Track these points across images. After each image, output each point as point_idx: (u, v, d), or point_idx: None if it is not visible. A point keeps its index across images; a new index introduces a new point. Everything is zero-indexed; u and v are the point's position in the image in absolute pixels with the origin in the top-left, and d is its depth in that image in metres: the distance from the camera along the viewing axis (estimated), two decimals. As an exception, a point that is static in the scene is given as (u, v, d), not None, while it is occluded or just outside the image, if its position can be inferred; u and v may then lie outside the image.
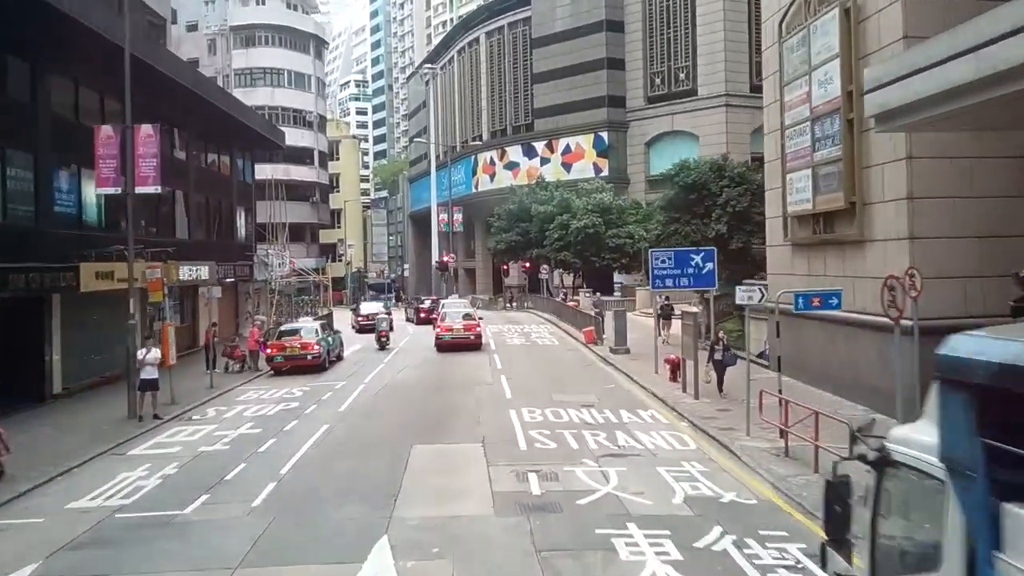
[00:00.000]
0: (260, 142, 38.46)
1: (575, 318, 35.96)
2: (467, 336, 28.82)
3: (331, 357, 26.51)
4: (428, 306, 41.26)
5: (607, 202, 50.51)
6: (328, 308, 41.18)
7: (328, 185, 69.75)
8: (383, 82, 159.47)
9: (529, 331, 36.91)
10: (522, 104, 71.60)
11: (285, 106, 63.07)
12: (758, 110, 62.03)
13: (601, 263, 50.21)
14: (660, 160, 64.45)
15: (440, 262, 50.11)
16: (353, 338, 36.90)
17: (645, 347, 27.17)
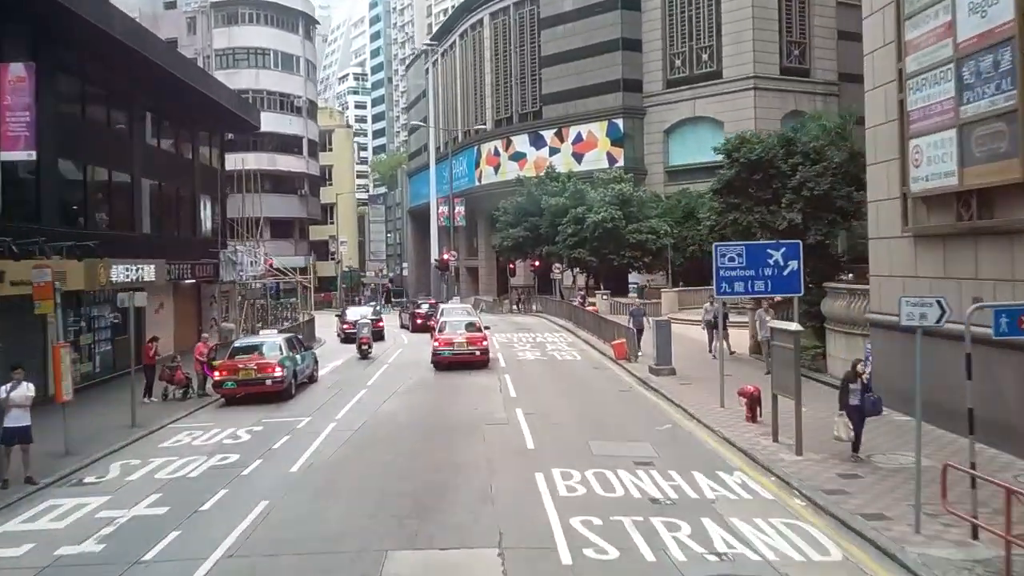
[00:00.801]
0: (230, 121, 33.08)
1: (598, 326, 30.57)
2: (471, 352, 23.44)
3: (302, 379, 21.11)
4: (426, 311, 35.89)
5: (627, 193, 45.08)
6: (309, 313, 35.82)
7: (319, 177, 64.38)
8: (383, 74, 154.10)
9: (543, 341, 31.53)
10: (529, 90, 66.21)
11: (271, 90, 57.70)
12: (790, 94, 56.69)
13: (620, 261, 44.81)
14: (680, 149, 59.12)
15: (440, 260, 44.77)
16: (337, 350, 31.55)
17: (694, 367, 21.90)
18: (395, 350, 30.27)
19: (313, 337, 34.05)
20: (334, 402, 19.09)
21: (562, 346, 29.77)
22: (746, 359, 23.92)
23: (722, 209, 21.84)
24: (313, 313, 35.43)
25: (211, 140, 33.22)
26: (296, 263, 60.10)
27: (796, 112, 56.31)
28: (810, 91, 56.68)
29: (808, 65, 57.41)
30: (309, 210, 60.58)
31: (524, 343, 30.98)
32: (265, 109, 57.48)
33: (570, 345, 30.09)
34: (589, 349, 28.78)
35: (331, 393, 20.42)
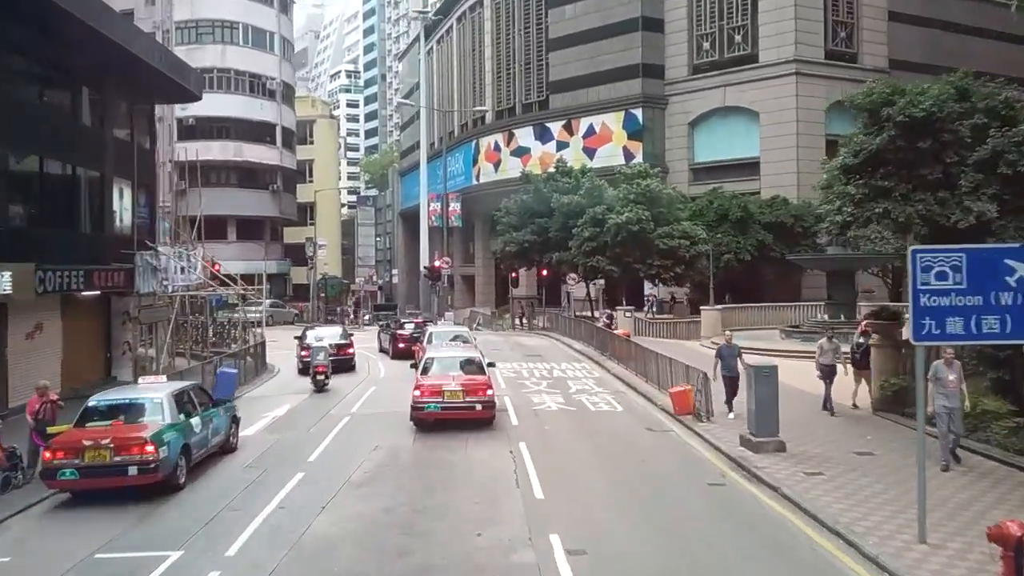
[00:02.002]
0: (159, 87, 25.49)
1: (639, 360, 23.04)
2: (470, 405, 15.88)
3: (202, 454, 13.51)
4: (410, 332, 28.25)
5: (655, 190, 37.64)
6: (257, 335, 28.15)
7: (296, 171, 56.79)
8: (376, 71, 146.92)
9: (562, 376, 23.99)
10: (535, 77, 58.92)
11: (239, 69, 50.20)
12: (836, 81, 49.04)
13: (647, 272, 37.35)
14: (708, 144, 51.79)
15: (430, 268, 37.22)
16: (290, 384, 23.97)
17: (808, 434, 14.54)
18: (366, 387, 22.67)
19: (264, 365, 26.48)
20: (242, 505, 11.49)
21: (590, 385, 22.22)
22: (876, 418, 16.47)
23: (861, 197, 14.31)
24: (265, 335, 27.73)
25: (133, 111, 25.64)
26: (265, 268, 52.54)
27: (842, 103, 49.12)
28: (858, 79, 49.22)
29: (855, 49, 50.28)
30: (283, 208, 53.04)
31: (538, 378, 23.43)
32: (232, 91, 50.12)
33: (599, 384, 22.54)
34: (627, 392, 21.24)
35: (245, 481, 12.82)
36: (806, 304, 37.29)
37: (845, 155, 14.48)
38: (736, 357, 16.51)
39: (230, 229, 50.63)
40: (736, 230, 41.81)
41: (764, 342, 29.67)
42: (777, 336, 31.04)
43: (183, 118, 48.97)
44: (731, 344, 16.97)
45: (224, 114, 49.47)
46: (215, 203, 49.51)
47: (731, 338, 17.34)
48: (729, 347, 16.83)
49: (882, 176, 13.89)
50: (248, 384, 23.43)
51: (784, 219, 42.84)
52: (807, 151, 47.32)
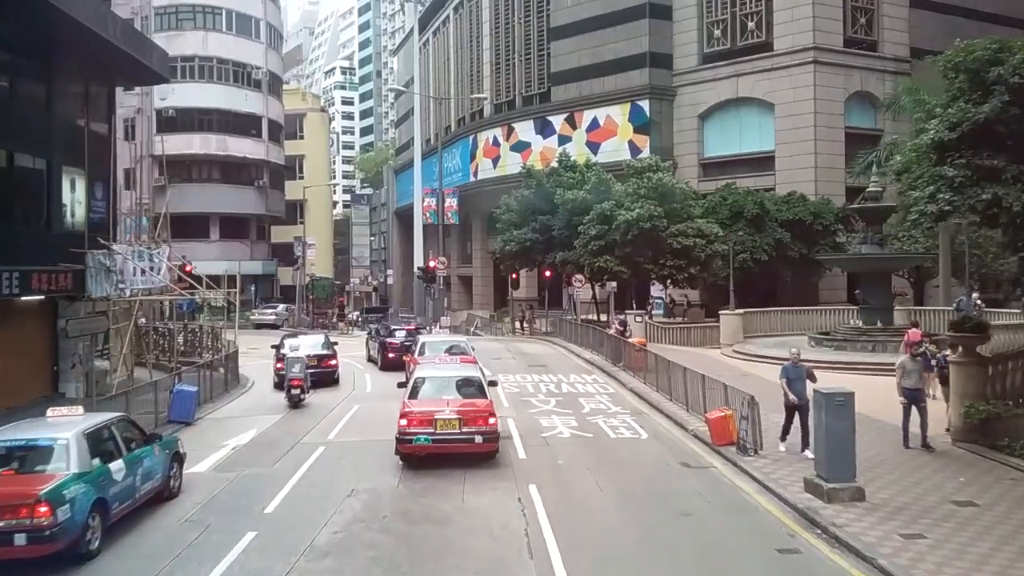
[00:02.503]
0: (113, 61, 22.57)
1: (664, 375, 20.19)
2: (468, 437, 13.00)
3: (128, 507, 10.63)
4: (401, 340, 25.36)
5: (668, 185, 34.81)
6: (230, 343, 25.17)
7: (284, 167, 53.88)
8: (371, 67, 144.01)
9: (572, 391, 21.15)
10: (535, 68, 56.11)
11: (222, 57, 47.29)
12: (855, 71, 46.28)
13: (659, 272, 34.52)
14: (719, 138, 48.96)
15: (424, 269, 34.34)
16: (263, 400, 21.10)
17: (896, 480, 11.65)
18: (348, 406, 19.79)
19: (236, 378, 23.60)
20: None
21: (605, 403, 19.38)
22: (959, 451, 13.63)
23: (963, 180, 11.51)
24: (237, 343, 24.79)
25: (88, 92, 22.74)
26: (251, 269, 49.65)
27: (862, 94, 46.50)
28: (878, 68, 46.76)
29: (875, 37, 47.49)
30: (270, 205, 50.12)
31: (545, 395, 20.59)
32: (215, 80, 47.22)
33: (615, 401, 19.71)
34: (649, 412, 18.41)
35: (180, 543, 9.94)
36: (836, 308, 34.50)
37: (937, 129, 11.69)
38: (804, 379, 13.54)
39: (212, 227, 47.77)
40: (752, 228, 39.03)
41: (786, 351, 26.83)
42: (806, 344, 28.19)
43: (162, 109, 46.08)
44: (798, 363, 13.85)
45: (206, 105, 46.64)
46: (196, 200, 46.81)
47: (798, 356, 14.12)
48: (796, 367, 13.76)
49: (987, 155, 11.12)
50: (214, 401, 20.57)
51: (803, 216, 40.04)
52: (826, 144, 44.62)
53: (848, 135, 45.34)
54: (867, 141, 45.86)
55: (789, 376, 13.53)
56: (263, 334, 41.96)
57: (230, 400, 21.18)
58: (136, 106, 48.27)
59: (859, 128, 46.14)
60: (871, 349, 25.50)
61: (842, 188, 44.49)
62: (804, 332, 31.19)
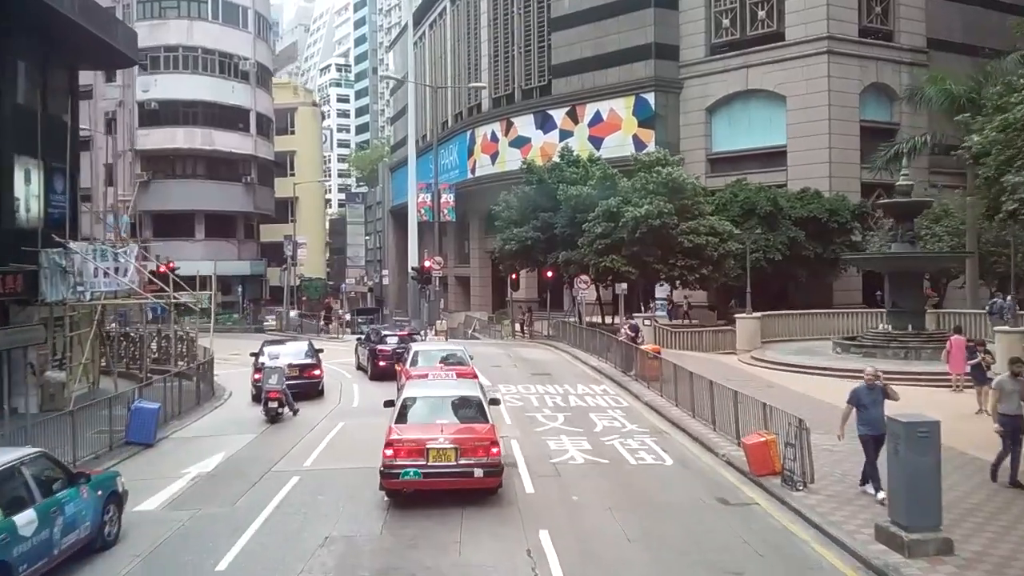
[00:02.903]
0: (72, 40, 20.41)
1: (677, 383, 18.14)
2: (466, 471, 10.84)
3: (50, 564, 8.52)
4: (393, 347, 23.22)
5: (679, 180, 32.75)
6: (205, 350, 23.03)
7: (273, 163, 51.72)
8: (367, 64, 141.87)
9: (581, 405, 19.05)
10: (535, 60, 54.04)
11: (208, 47, 45.10)
12: (870, 62, 44.00)
13: (669, 273, 32.46)
14: (727, 132, 46.85)
15: (419, 269, 32.24)
16: (238, 415, 18.96)
17: (973, 515, 9.55)
18: (331, 423, 17.67)
19: (211, 390, 21.48)
20: None
21: (619, 419, 17.28)
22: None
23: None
24: (213, 349, 22.61)
25: (45, 74, 20.59)
26: (239, 269, 47.51)
27: (878, 86, 44.47)
28: (894, 59, 44.72)
29: (891, 27, 45.47)
30: (258, 203, 47.95)
31: (552, 409, 18.51)
32: (200, 71, 45.09)
33: (630, 417, 17.62)
34: (670, 431, 16.33)
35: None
36: (860, 311, 32.45)
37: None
38: (882, 404, 11.21)
39: (198, 226, 45.61)
40: (764, 226, 36.99)
41: (817, 358, 24.86)
42: (830, 350, 26.18)
43: (145, 101, 44.02)
44: (874, 383, 11.14)
45: (191, 97, 44.44)
46: (181, 196, 44.71)
47: (876, 375, 11.27)
48: (871, 390, 11.16)
49: None
50: (183, 417, 18.45)
51: (818, 214, 38.00)
52: (840, 138, 42.59)
53: (863, 129, 43.34)
54: (883, 135, 43.81)
55: (862, 401, 11.08)
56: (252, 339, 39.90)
57: (202, 415, 19.07)
58: (117, 98, 46.25)
59: (874, 121, 44.16)
60: (903, 356, 23.47)
61: (857, 184, 42.58)
62: (826, 337, 29.19)
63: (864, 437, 10.92)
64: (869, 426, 10.90)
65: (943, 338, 23.30)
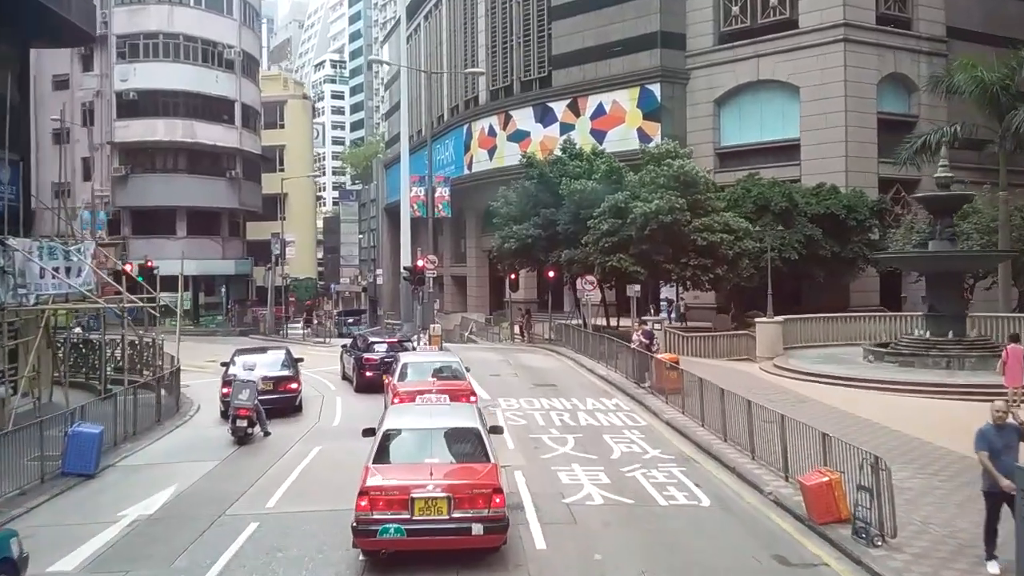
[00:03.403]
0: (16, 9, 18.06)
1: (703, 398, 15.88)
2: (462, 527, 8.55)
3: None
4: (380, 356, 20.89)
5: (691, 173, 30.52)
6: (173, 359, 20.69)
7: (260, 156, 49.36)
8: (362, 60, 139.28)
9: (593, 424, 16.80)
10: (535, 50, 51.74)
11: (190, 34, 42.73)
12: (888, 51, 41.32)
13: (681, 273, 30.19)
14: (736, 125, 44.56)
15: (412, 269, 29.94)
16: (202, 436, 16.63)
17: None
18: (306, 447, 15.35)
19: (176, 404, 19.16)
20: None
21: (638, 442, 15.01)
22: None
23: None
24: (179, 359, 20.32)
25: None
26: (223, 269, 45.16)
27: (896, 76, 42.26)
28: (912, 48, 42.49)
29: (909, 14, 43.20)
30: (243, 199, 45.59)
31: (560, 430, 16.23)
32: (181, 60, 42.74)
33: (651, 439, 15.34)
34: (699, 457, 14.09)
35: None
36: (890, 315, 30.18)
37: None
38: (1016, 448, 8.66)
39: (179, 222, 43.24)
40: (779, 223, 34.79)
41: (848, 367, 22.61)
42: (859, 358, 23.94)
43: (123, 92, 41.63)
44: (1004, 424, 8.53)
45: (172, 87, 42.09)
46: (161, 192, 42.41)
47: (1004, 413, 8.59)
48: (1001, 430, 8.50)
49: None
50: (139, 437, 16.16)
51: (835, 210, 35.78)
52: (857, 131, 40.36)
53: (880, 121, 41.15)
54: (900, 128, 41.70)
55: (993, 445, 8.50)
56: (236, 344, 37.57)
57: (161, 435, 16.76)
58: (95, 88, 43.84)
59: (892, 114, 41.97)
60: (945, 366, 21.26)
61: (875, 179, 40.43)
62: (851, 342, 27.01)
63: (991, 492, 8.48)
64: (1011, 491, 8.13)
65: (987, 346, 21.11)
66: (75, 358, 22.05)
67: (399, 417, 10.33)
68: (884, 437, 13.91)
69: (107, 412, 15.42)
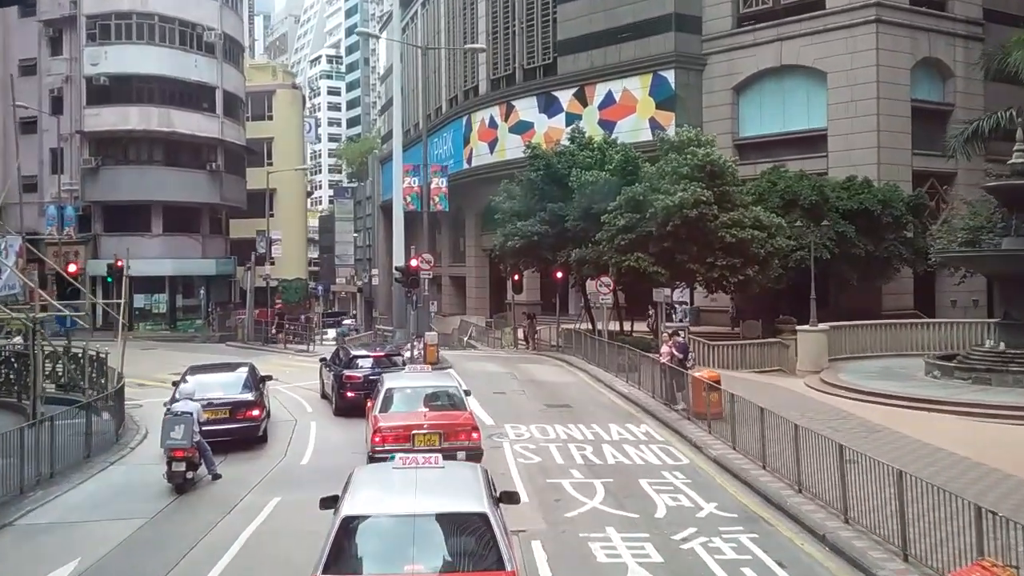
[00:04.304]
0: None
1: (767, 437, 12.64)
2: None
3: None
4: (365, 374, 17.58)
5: (718, 163, 27.33)
6: (116, 374, 17.33)
7: (244, 148, 46.09)
8: (358, 55, 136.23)
9: (622, 460, 13.59)
10: (539, 36, 48.57)
11: (166, 15, 39.41)
12: (922, 34, 36.97)
13: (707, 273, 26.95)
14: (756, 114, 41.27)
15: (405, 269, 26.67)
16: (140, 477, 13.34)
17: None
18: (264, 495, 12.09)
19: (114, 432, 15.90)
20: None
21: (686, 492, 11.78)
22: None
23: None
24: (123, 374, 17.09)
25: None
26: (203, 269, 41.93)
27: (930, 61, 39.06)
28: (948, 31, 39.31)
29: (944, -5, 40.05)
30: (226, 194, 42.30)
31: (585, 471, 13.03)
32: (157, 42, 39.52)
33: (698, 486, 12.11)
34: (773, 517, 10.83)
35: None
36: (948, 322, 26.92)
37: None
38: None
39: (155, 219, 39.97)
40: (809, 219, 31.60)
41: (912, 385, 19.38)
42: (920, 372, 20.73)
43: (94, 76, 38.37)
44: None
45: (146, 71, 38.79)
46: (134, 185, 39.22)
47: None
48: None
49: None
50: (59, 479, 12.93)
51: (870, 206, 32.60)
52: (890, 120, 37.14)
53: (915, 109, 38.00)
54: (934, 117, 38.73)
55: None
56: (214, 351, 34.37)
57: (88, 476, 13.49)
58: (64, 73, 40.57)
59: (926, 102, 38.82)
60: (1030, 383, 18.06)
61: (908, 172, 37.39)
62: (904, 352, 23.80)
63: None
64: None
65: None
66: (7, 374, 18.75)
67: (365, 495, 6.77)
68: (1009, 490, 10.71)
69: (15, 446, 12.21)
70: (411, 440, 11.52)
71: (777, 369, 26.02)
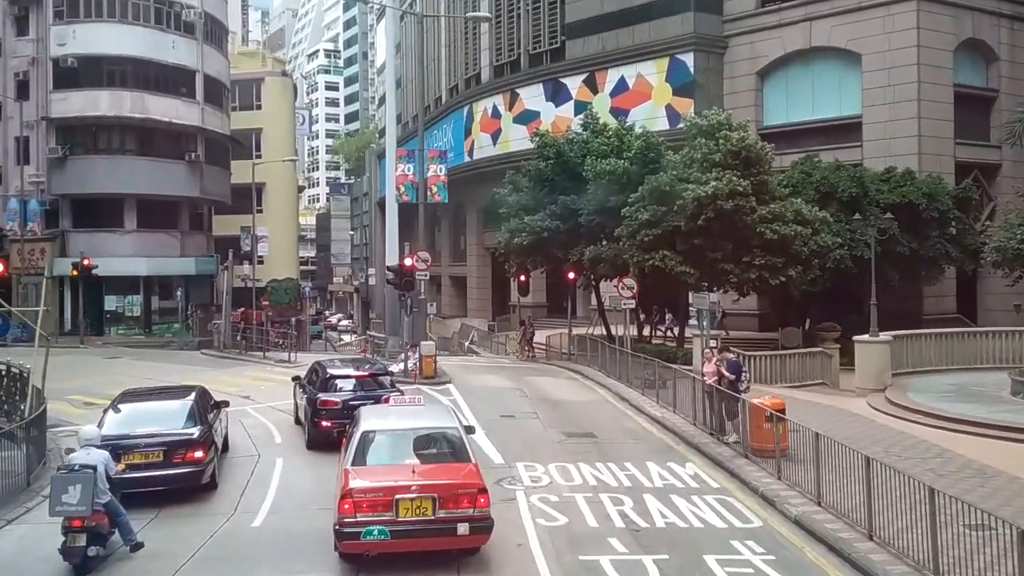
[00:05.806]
0: None
1: (873, 496, 9.32)
2: None
3: None
4: (344, 399, 14.28)
5: (754, 149, 24.11)
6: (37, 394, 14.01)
7: (228, 137, 42.75)
8: (356, 49, 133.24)
9: (673, 523, 10.34)
10: (545, 18, 45.42)
11: (139, -10, 36.05)
12: (966, 12, 31.14)
13: (743, 274, 23.65)
14: (781, 101, 37.99)
15: (398, 269, 23.39)
16: (26, 556, 10.05)
17: None
18: (198, 574, 8.84)
19: (31, 473, 12.59)
20: None
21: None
22: None
23: None
24: (46, 393, 13.85)
25: None
26: (182, 268, 38.64)
27: (974, 42, 35.83)
28: (992, 10, 36.10)
29: (989, -30, 36.80)
30: (207, 187, 38.95)
31: (627, 542, 9.77)
32: (130, 21, 36.21)
33: (789, 570, 8.80)
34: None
35: None
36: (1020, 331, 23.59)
37: None
38: None
39: (128, 213, 36.64)
40: (847, 214, 28.38)
41: (999, 409, 16.11)
42: (1003, 390, 17.50)
43: (61, 58, 35.14)
44: None
45: (118, 52, 35.47)
46: (105, 177, 35.98)
47: None
48: None
49: None
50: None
51: (914, 199, 29.35)
52: (931, 106, 33.94)
53: (957, 95, 34.80)
54: (977, 104, 35.71)
55: None
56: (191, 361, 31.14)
57: None
58: (30, 55, 37.30)
59: (968, 87, 35.64)
60: None
61: (951, 163, 34.28)
62: (973, 366, 20.57)
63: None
64: None
65: None
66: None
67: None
68: None
69: None
70: (394, 508, 8.28)
71: (820, 383, 22.83)
